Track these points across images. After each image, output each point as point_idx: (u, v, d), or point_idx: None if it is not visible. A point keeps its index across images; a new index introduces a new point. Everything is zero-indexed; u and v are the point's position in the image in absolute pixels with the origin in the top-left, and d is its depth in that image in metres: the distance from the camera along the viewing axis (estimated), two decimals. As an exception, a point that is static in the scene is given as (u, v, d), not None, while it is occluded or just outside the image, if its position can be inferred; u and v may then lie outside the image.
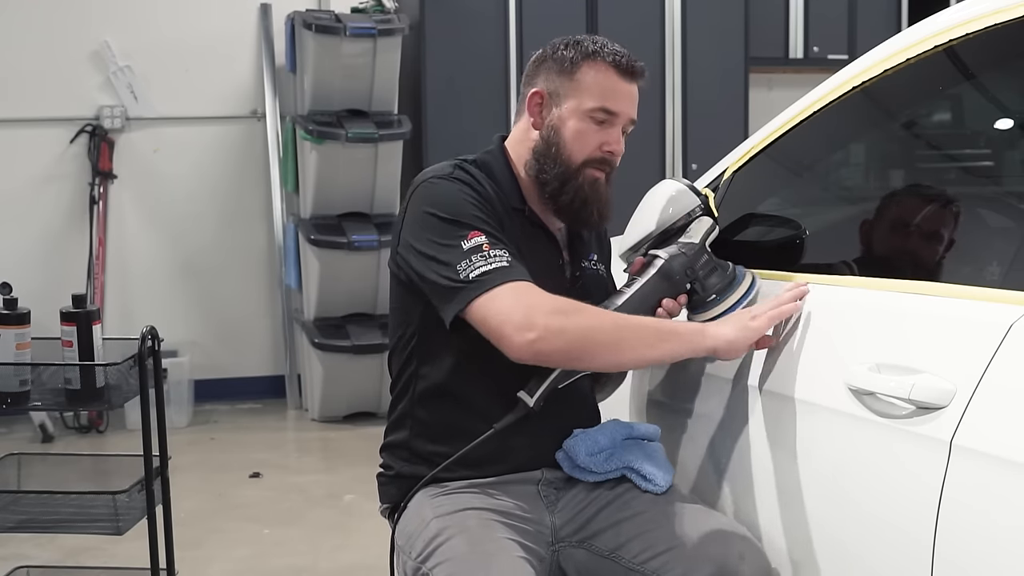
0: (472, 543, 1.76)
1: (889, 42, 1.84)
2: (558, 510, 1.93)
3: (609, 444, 1.94)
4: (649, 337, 1.80)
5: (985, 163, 2.12)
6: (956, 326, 1.52)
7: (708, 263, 1.93)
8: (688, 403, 2.04)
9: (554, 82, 1.97)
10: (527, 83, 2.02)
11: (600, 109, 1.95)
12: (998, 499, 1.37)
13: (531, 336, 1.74)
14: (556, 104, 1.96)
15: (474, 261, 1.80)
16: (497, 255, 1.80)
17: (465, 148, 2.13)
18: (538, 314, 1.75)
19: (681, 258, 1.92)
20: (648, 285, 1.91)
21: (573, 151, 1.95)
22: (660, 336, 1.81)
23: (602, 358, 1.82)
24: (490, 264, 1.79)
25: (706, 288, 1.92)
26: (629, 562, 1.84)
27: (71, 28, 5.43)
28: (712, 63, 5.71)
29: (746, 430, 1.87)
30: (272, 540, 3.79)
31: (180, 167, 5.62)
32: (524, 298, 1.77)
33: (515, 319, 1.75)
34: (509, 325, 1.75)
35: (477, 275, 1.79)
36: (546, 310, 1.76)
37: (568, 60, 1.96)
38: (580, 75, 1.95)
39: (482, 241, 1.82)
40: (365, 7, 5.33)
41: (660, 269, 1.92)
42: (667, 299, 1.91)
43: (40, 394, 2.49)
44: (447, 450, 1.90)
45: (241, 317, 5.78)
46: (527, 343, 1.74)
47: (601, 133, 1.96)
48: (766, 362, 1.86)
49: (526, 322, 1.74)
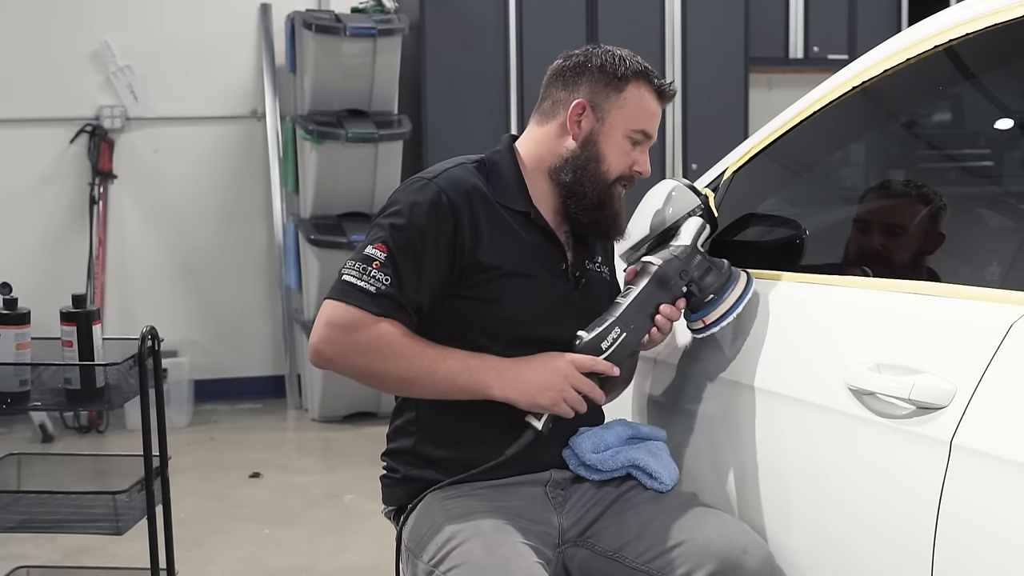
0: (488, 547, 1.76)
1: (889, 42, 1.84)
2: (565, 511, 1.93)
3: (615, 442, 1.95)
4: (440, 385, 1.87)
5: (985, 163, 2.12)
6: (956, 326, 1.52)
7: (702, 263, 1.92)
8: (690, 404, 2.04)
9: (599, 95, 1.95)
10: (564, 87, 1.98)
11: (640, 131, 1.96)
12: (998, 499, 1.37)
13: (328, 354, 1.86)
14: (599, 118, 1.95)
15: (356, 266, 1.85)
16: (376, 277, 1.84)
17: (465, 148, 2.13)
18: (344, 341, 1.84)
19: (674, 262, 1.92)
20: (644, 293, 1.91)
21: (611, 167, 1.95)
22: (453, 387, 1.86)
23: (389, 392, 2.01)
24: (362, 280, 1.84)
25: (703, 289, 1.91)
26: (633, 562, 1.84)
27: (71, 28, 5.42)
28: (712, 63, 5.71)
29: (747, 431, 1.87)
30: (272, 540, 3.78)
31: (180, 167, 5.62)
32: (349, 321, 1.83)
33: (325, 333, 1.85)
34: (316, 333, 1.86)
35: (344, 279, 1.85)
36: (354, 340, 1.83)
37: (617, 76, 1.95)
38: (627, 93, 1.95)
39: (378, 256, 1.85)
40: (365, 7, 5.33)
41: (654, 276, 1.92)
42: (665, 305, 1.91)
43: (40, 394, 2.49)
44: (454, 455, 1.91)
45: (241, 317, 5.78)
46: (319, 356, 1.87)
47: (635, 153, 1.97)
48: (767, 362, 1.86)
49: (330, 342, 1.85)
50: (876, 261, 1.93)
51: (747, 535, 1.80)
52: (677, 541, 1.81)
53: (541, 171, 1.99)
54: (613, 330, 1.89)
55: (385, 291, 1.83)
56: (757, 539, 1.80)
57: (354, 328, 1.83)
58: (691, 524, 1.83)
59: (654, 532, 1.84)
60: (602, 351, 1.88)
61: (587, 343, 1.89)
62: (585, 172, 1.95)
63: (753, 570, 1.75)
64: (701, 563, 1.76)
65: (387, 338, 1.83)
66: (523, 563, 1.74)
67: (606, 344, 1.88)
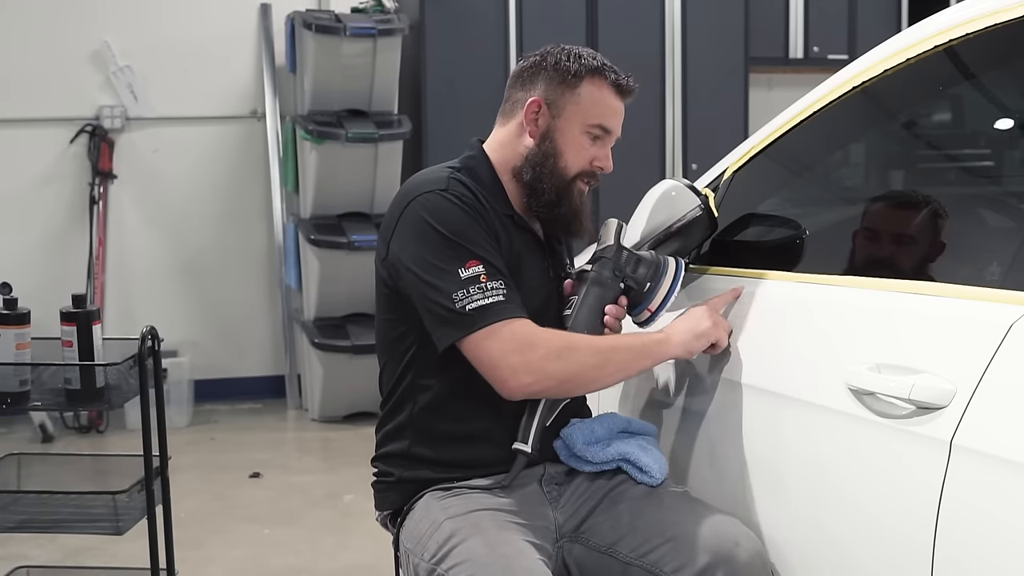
0: (490, 545, 1.76)
1: (889, 42, 1.84)
2: (560, 506, 1.94)
3: (606, 434, 1.98)
4: (629, 359, 1.90)
5: (985, 163, 2.12)
6: (956, 326, 1.52)
7: (630, 258, 1.99)
8: (686, 402, 2.04)
9: (554, 92, 1.97)
10: (522, 87, 2.01)
11: (598, 126, 1.98)
12: (998, 499, 1.37)
13: (527, 380, 1.82)
14: (554, 115, 1.97)
15: (471, 292, 1.82)
16: (493, 287, 1.82)
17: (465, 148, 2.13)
18: (535, 359, 1.81)
19: (606, 263, 1.99)
20: (588, 298, 1.97)
21: (569, 163, 1.98)
22: (638, 355, 1.90)
23: (588, 388, 1.96)
24: (487, 298, 1.81)
25: (638, 281, 1.98)
26: (626, 556, 1.85)
27: (71, 28, 5.42)
28: (712, 63, 5.70)
29: (747, 430, 1.87)
30: (272, 540, 3.79)
31: (180, 167, 5.62)
32: (522, 340, 1.81)
33: (513, 362, 1.81)
34: (505, 368, 1.81)
35: (473, 308, 1.81)
36: (542, 354, 1.82)
37: (571, 73, 1.97)
38: (582, 89, 1.97)
39: (480, 271, 1.83)
40: (365, 7, 5.33)
41: (592, 280, 1.98)
42: (609, 305, 1.97)
43: (40, 394, 2.49)
44: (449, 456, 1.92)
45: (241, 317, 5.78)
46: (522, 386, 1.83)
47: (594, 148, 1.99)
48: (767, 362, 1.86)
49: (524, 366, 1.81)
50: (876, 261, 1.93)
51: (739, 528, 1.81)
52: (670, 536, 1.82)
53: (508, 172, 2.01)
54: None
55: (509, 293, 1.84)
56: (748, 532, 1.82)
57: (527, 338, 1.82)
58: (683, 518, 1.84)
59: (647, 527, 1.85)
60: None
61: None
62: (543, 168, 1.97)
63: (745, 563, 1.76)
64: (694, 557, 1.78)
65: (553, 334, 1.86)
66: (525, 560, 1.74)
67: None
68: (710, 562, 1.76)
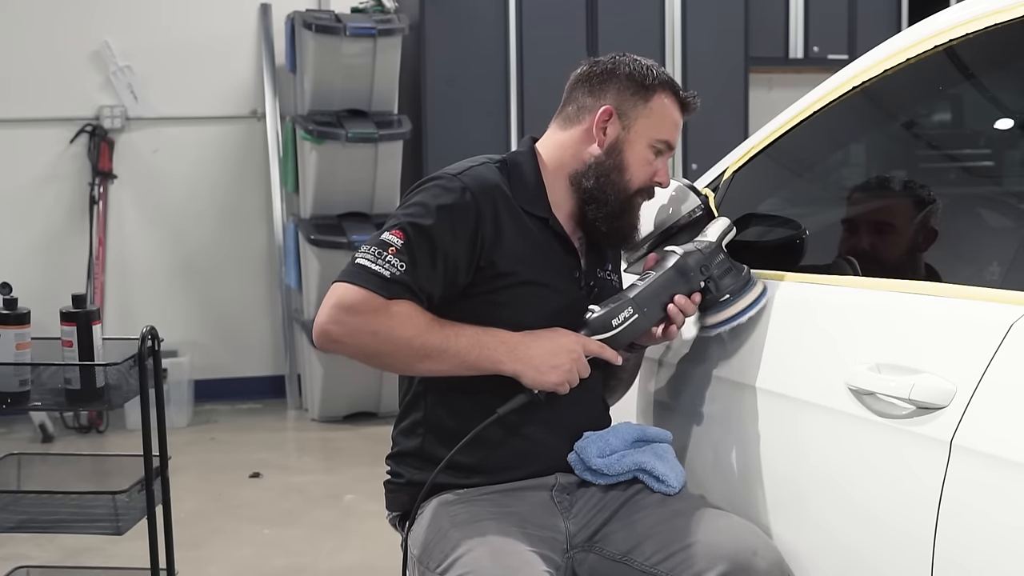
0: (495, 556, 1.74)
1: (889, 42, 1.84)
2: (572, 516, 1.91)
3: (621, 445, 1.93)
4: (449, 368, 1.84)
5: (985, 163, 2.12)
6: (956, 326, 1.52)
7: (723, 263, 1.91)
8: (692, 405, 2.04)
9: (627, 102, 1.95)
10: (590, 93, 1.97)
11: (664, 141, 1.96)
12: (998, 499, 1.37)
13: (336, 335, 1.81)
14: (624, 126, 1.95)
15: (370, 250, 1.82)
16: (391, 262, 1.81)
17: (465, 148, 2.13)
18: (352, 321, 1.80)
19: (696, 255, 1.91)
20: (662, 279, 1.90)
21: (633, 176, 1.95)
22: (460, 365, 1.84)
23: (398, 372, 2.03)
24: (376, 264, 1.81)
25: (720, 288, 1.91)
26: (642, 564, 1.82)
27: (71, 28, 5.42)
28: (712, 63, 5.70)
29: (748, 431, 1.87)
30: (272, 540, 3.78)
31: (180, 167, 5.62)
32: (351, 305, 1.79)
33: (334, 313, 1.80)
34: (324, 313, 1.82)
35: (358, 262, 1.82)
36: (360, 321, 1.79)
37: (644, 85, 1.95)
38: (654, 103, 1.95)
39: (394, 242, 1.82)
40: (365, 7, 5.33)
41: (675, 264, 1.90)
42: (680, 296, 1.90)
43: (40, 394, 2.49)
44: (462, 456, 1.88)
45: (241, 317, 5.78)
46: (328, 338, 1.82)
47: (656, 163, 1.97)
48: (767, 362, 1.86)
49: (335, 319, 1.80)
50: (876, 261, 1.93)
51: (758, 537, 1.79)
52: (686, 543, 1.79)
53: (562, 175, 1.97)
54: (626, 309, 1.88)
55: (399, 277, 1.80)
56: (768, 541, 1.79)
57: (363, 309, 1.79)
58: (700, 526, 1.81)
59: (663, 535, 1.82)
60: (612, 328, 1.87)
61: (598, 318, 1.88)
62: (608, 180, 1.94)
63: (764, 572, 1.73)
64: (711, 565, 1.74)
65: (397, 318, 1.80)
66: (531, 572, 1.72)
67: (616, 322, 1.87)
68: (728, 570, 1.73)
